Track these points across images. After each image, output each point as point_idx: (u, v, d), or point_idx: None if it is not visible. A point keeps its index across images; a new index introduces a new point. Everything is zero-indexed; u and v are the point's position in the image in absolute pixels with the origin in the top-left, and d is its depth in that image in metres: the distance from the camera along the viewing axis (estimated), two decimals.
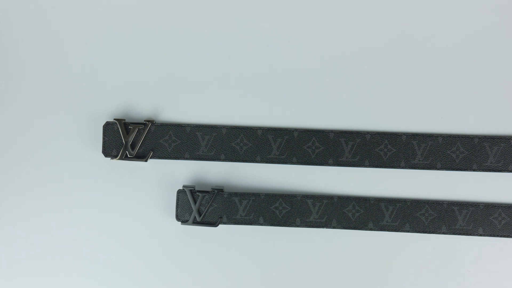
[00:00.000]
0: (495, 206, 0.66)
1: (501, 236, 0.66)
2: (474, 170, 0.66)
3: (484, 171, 0.66)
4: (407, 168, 0.66)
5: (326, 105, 0.67)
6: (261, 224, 0.66)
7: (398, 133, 0.66)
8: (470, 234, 0.66)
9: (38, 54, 0.68)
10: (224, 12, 0.67)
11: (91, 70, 0.68)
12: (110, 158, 0.67)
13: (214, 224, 0.66)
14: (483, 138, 0.65)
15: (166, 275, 0.68)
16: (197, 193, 0.66)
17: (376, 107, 0.67)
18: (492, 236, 0.66)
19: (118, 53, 0.68)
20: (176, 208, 0.66)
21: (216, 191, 0.66)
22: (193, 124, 0.67)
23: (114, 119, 0.66)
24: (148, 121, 0.66)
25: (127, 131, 0.66)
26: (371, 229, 0.67)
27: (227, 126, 0.66)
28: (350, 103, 0.67)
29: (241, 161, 0.66)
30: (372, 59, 0.67)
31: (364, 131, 0.66)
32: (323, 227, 0.67)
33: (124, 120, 0.66)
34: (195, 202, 0.66)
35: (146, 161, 0.66)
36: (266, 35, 0.67)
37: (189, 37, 0.67)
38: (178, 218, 0.67)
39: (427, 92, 0.66)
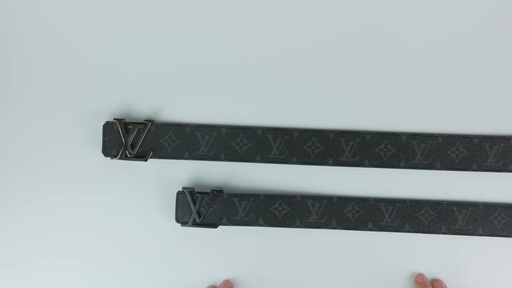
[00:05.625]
0: (495, 206, 0.66)
1: (500, 236, 0.66)
2: (474, 170, 0.66)
3: (484, 171, 0.66)
4: (407, 168, 0.66)
5: (326, 105, 0.67)
6: (261, 225, 0.66)
7: (398, 133, 0.66)
8: (470, 234, 0.66)
9: (38, 55, 0.68)
10: (224, 13, 0.67)
11: (91, 70, 0.67)
12: (110, 158, 0.66)
13: (214, 225, 0.66)
14: (483, 138, 0.66)
15: (166, 277, 0.68)
16: (196, 195, 0.66)
17: (376, 107, 0.67)
18: (491, 236, 0.66)
19: (118, 53, 0.67)
20: (175, 210, 0.66)
21: (215, 192, 0.66)
22: (193, 124, 0.67)
23: (114, 118, 0.66)
24: (148, 121, 0.66)
25: (127, 131, 0.66)
26: (370, 230, 0.67)
27: (227, 125, 0.66)
28: (350, 103, 0.67)
29: (241, 161, 0.66)
30: (372, 59, 0.67)
31: (364, 131, 0.66)
32: (322, 227, 0.67)
33: (124, 119, 0.66)
34: (194, 204, 0.66)
35: (146, 161, 0.66)
36: (267, 35, 0.67)
37: (190, 37, 0.67)
38: (177, 220, 0.66)
39: (427, 92, 0.67)
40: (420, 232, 0.66)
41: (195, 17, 0.67)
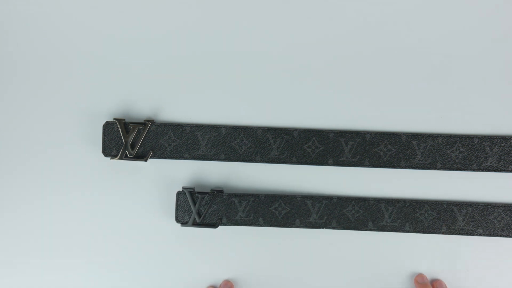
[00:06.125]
0: (495, 206, 0.66)
1: (500, 236, 0.66)
2: (474, 170, 0.66)
3: (484, 171, 0.66)
4: (407, 168, 0.66)
5: (326, 105, 0.67)
6: (261, 225, 0.66)
7: (398, 133, 0.66)
8: (470, 234, 0.66)
9: (38, 54, 0.68)
10: (224, 13, 0.67)
11: (91, 69, 0.67)
12: (110, 158, 0.66)
13: (214, 225, 0.66)
14: (483, 138, 0.66)
15: (166, 277, 0.68)
16: (196, 195, 0.66)
17: (376, 107, 0.67)
18: (491, 236, 0.66)
19: (118, 53, 0.67)
20: (175, 210, 0.66)
21: (215, 192, 0.66)
22: (193, 124, 0.67)
23: (114, 118, 0.66)
24: (148, 121, 0.66)
25: (127, 131, 0.66)
26: (370, 230, 0.67)
27: (227, 126, 0.66)
28: (350, 103, 0.67)
29: (241, 161, 0.66)
30: (372, 59, 0.67)
31: (364, 131, 0.66)
32: (322, 227, 0.67)
33: (124, 119, 0.66)
34: (194, 204, 0.66)
35: (146, 161, 0.66)
36: (267, 35, 0.67)
37: (189, 37, 0.67)
38: (177, 220, 0.66)
39: (427, 92, 0.67)
40: (420, 232, 0.66)
41: (195, 18, 0.67)
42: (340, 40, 0.67)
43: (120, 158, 0.66)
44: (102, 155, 0.67)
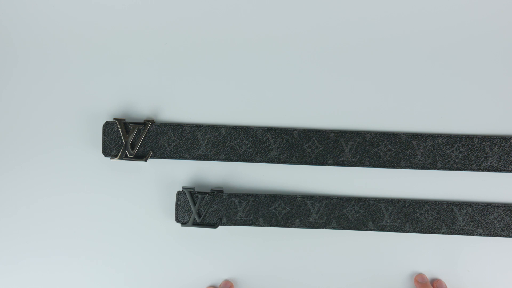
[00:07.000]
0: (495, 206, 0.66)
1: (500, 236, 0.66)
2: (473, 170, 0.66)
3: (483, 171, 0.66)
4: (407, 168, 0.66)
5: (326, 105, 0.67)
6: (261, 225, 0.66)
7: (398, 133, 0.66)
8: (470, 234, 0.66)
9: (38, 54, 0.68)
10: (224, 13, 0.67)
11: (91, 69, 0.67)
12: (110, 158, 0.66)
13: (214, 225, 0.66)
14: (483, 138, 0.66)
15: (166, 277, 0.68)
16: (196, 195, 0.66)
17: (376, 107, 0.67)
18: (491, 236, 0.66)
19: (118, 53, 0.67)
20: (175, 210, 0.66)
21: (215, 192, 0.66)
22: (193, 124, 0.67)
23: (114, 118, 0.66)
24: (148, 120, 0.66)
25: (127, 131, 0.66)
26: (370, 230, 0.67)
27: (227, 126, 0.66)
28: (350, 103, 0.67)
29: (241, 161, 0.66)
30: (372, 58, 0.67)
31: (364, 131, 0.66)
32: (322, 227, 0.67)
33: (124, 119, 0.66)
34: (194, 204, 0.66)
35: (146, 160, 0.66)
36: (266, 35, 0.67)
37: (189, 37, 0.67)
38: (177, 220, 0.66)
39: (427, 92, 0.67)
40: (420, 232, 0.66)
41: (196, 18, 0.67)
42: (341, 41, 0.67)
43: (120, 158, 0.66)
44: (102, 155, 0.67)
